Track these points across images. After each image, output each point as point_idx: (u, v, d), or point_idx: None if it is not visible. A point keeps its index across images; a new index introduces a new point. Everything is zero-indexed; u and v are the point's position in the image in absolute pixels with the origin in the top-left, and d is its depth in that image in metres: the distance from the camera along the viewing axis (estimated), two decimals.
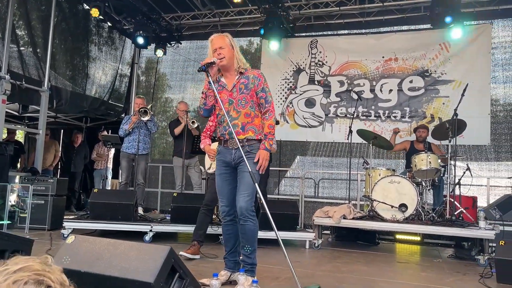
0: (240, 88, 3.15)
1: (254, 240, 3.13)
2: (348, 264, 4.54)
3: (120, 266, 2.40)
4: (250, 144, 3.13)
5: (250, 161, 2.98)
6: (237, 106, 3.14)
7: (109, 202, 5.31)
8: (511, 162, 7.19)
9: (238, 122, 3.11)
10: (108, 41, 9.01)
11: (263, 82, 3.17)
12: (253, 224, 3.09)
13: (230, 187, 3.21)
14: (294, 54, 8.55)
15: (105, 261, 2.45)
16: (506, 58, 7.35)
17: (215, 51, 3.14)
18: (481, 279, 3.94)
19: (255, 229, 3.11)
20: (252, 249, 3.12)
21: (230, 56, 3.13)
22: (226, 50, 3.13)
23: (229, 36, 3.22)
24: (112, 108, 9.03)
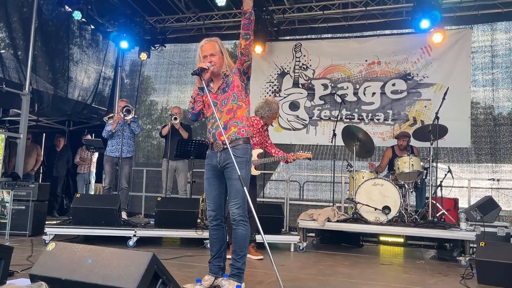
0: (224, 88, 3.17)
1: (245, 245, 3.13)
2: (332, 266, 4.57)
3: (102, 273, 2.38)
4: (235, 145, 3.08)
5: (236, 166, 2.90)
6: (220, 106, 3.15)
7: (92, 207, 5.24)
8: (491, 164, 7.33)
9: (221, 122, 3.11)
10: (91, 44, 8.91)
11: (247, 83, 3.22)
12: (244, 229, 3.10)
13: (217, 191, 3.20)
14: (278, 57, 8.59)
15: (87, 268, 2.42)
16: (486, 62, 7.51)
17: (205, 57, 3.14)
18: (462, 280, 4.01)
19: (246, 234, 3.11)
20: (242, 254, 3.11)
21: (220, 64, 3.16)
22: (217, 57, 3.15)
23: (218, 41, 3.22)
24: (95, 112, 8.93)
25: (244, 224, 3.09)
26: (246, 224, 3.11)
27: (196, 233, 5.22)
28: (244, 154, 3.11)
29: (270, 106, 4.78)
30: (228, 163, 3.05)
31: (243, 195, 3.00)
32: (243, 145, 3.12)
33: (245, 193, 2.94)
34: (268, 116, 4.78)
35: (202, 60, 3.15)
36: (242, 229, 3.09)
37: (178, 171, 6.63)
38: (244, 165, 3.09)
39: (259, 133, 4.72)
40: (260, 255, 4.70)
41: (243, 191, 2.95)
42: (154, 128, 9.99)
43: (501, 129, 7.37)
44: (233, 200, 3.07)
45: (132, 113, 6.25)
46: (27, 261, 3.88)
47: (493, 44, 7.50)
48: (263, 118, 4.77)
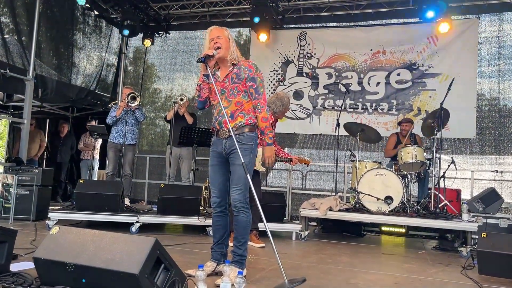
0: (232, 78, 3.16)
1: (246, 232, 3.15)
2: (333, 255, 4.59)
3: (104, 257, 2.40)
4: (240, 133, 3.10)
5: (240, 153, 2.95)
6: (228, 95, 3.15)
7: (95, 193, 5.27)
8: (495, 155, 7.30)
9: (228, 110, 3.12)
10: (95, 30, 8.88)
11: (254, 72, 3.16)
12: (245, 216, 3.11)
13: (221, 178, 3.22)
14: (283, 46, 8.54)
15: (90, 252, 2.44)
16: (492, 53, 7.44)
17: (212, 40, 3.15)
18: (463, 271, 4.02)
19: (247, 221, 3.13)
20: (244, 241, 3.14)
21: (226, 46, 3.14)
22: (223, 40, 3.15)
23: (227, 30, 3.24)
24: (99, 98, 8.93)
25: (245, 211, 3.11)
26: (247, 211, 3.12)
27: (198, 220, 5.25)
28: (249, 141, 3.12)
29: (282, 101, 4.72)
30: (233, 149, 3.06)
31: (245, 182, 3.01)
32: (249, 132, 3.13)
33: (247, 180, 2.95)
34: (280, 111, 4.73)
35: (209, 44, 3.16)
36: (243, 216, 3.11)
37: (182, 158, 6.63)
38: (248, 152, 3.10)
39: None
40: (262, 243, 4.73)
41: (245, 177, 2.96)
42: (157, 116, 9.99)
43: (506, 121, 7.33)
44: (235, 186, 3.09)
45: (138, 100, 6.25)
46: (31, 245, 3.92)
47: (500, 34, 7.41)
48: (275, 113, 4.72)
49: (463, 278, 3.74)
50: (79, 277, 2.43)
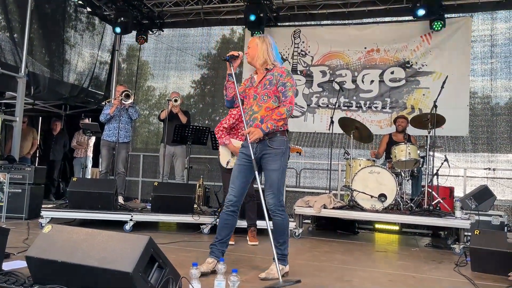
0: (265, 84, 3.26)
1: (283, 233, 3.24)
2: (327, 253, 4.60)
3: (98, 256, 2.39)
4: (271, 137, 3.19)
5: (271, 158, 3.15)
6: (259, 101, 3.25)
7: (89, 191, 5.24)
8: (487, 153, 7.37)
9: (258, 115, 3.22)
10: (88, 27, 8.82)
11: (285, 77, 3.21)
12: (281, 218, 3.20)
13: (243, 180, 3.28)
14: (277, 43, 8.42)
15: (83, 251, 2.42)
16: (485, 51, 7.49)
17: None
18: (456, 268, 4.05)
19: (283, 222, 3.22)
20: (282, 241, 3.23)
21: (253, 55, 3.30)
22: (251, 49, 3.32)
23: (260, 38, 3.34)
24: (92, 96, 8.88)
25: (280, 214, 3.19)
26: (283, 213, 3.21)
27: (192, 218, 5.24)
28: (279, 146, 3.19)
29: None
30: (264, 154, 3.20)
31: (278, 186, 3.15)
32: (279, 136, 3.21)
33: (280, 184, 3.13)
34: None
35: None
36: (279, 218, 3.20)
37: (176, 157, 6.61)
38: (279, 156, 3.18)
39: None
40: (256, 241, 4.73)
41: (277, 182, 3.13)
42: (151, 114, 9.96)
43: (498, 119, 7.39)
44: (268, 190, 3.18)
45: (131, 98, 6.22)
46: (23, 244, 3.89)
47: (492, 33, 7.47)
48: None
49: (456, 275, 3.76)
50: (72, 276, 2.41)
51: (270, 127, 3.13)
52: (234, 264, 3.59)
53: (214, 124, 9.22)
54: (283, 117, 3.16)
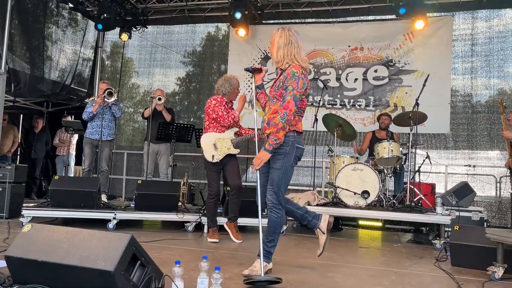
0: (276, 85, 3.23)
1: (274, 231, 3.26)
2: (311, 249, 4.63)
3: (79, 254, 2.37)
4: None
5: (275, 157, 3.16)
6: (271, 102, 3.25)
7: (71, 189, 5.18)
8: (468, 150, 7.50)
9: (266, 117, 3.23)
10: (70, 23, 8.68)
11: (289, 80, 3.13)
12: (275, 216, 3.21)
13: (263, 180, 3.30)
14: (262, 41, 8.54)
15: (64, 250, 2.40)
16: (466, 50, 7.62)
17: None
18: (436, 263, 4.13)
19: (277, 221, 3.22)
20: (271, 238, 3.25)
21: (271, 52, 3.32)
22: (270, 46, 3.33)
23: (278, 32, 3.28)
24: (74, 93, 8.75)
25: (275, 211, 3.19)
26: (279, 212, 3.21)
27: (177, 216, 5.23)
28: (283, 146, 3.18)
29: (230, 82, 4.80)
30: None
31: (278, 184, 3.17)
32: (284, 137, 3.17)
33: (280, 183, 3.16)
34: (229, 92, 4.79)
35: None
36: (274, 216, 3.21)
37: (160, 154, 6.58)
38: (282, 156, 3.18)
39: (226, 111, 4.74)
40: (240, 239, 4.73)
41: (277, 180, 3.16)
42: (136, 112, 9.88)
43: (479, 116, 7.53)
44: (269, 187, 3.21)
45: (114, 96, 6.15)
46: (3, 243, 3.83)
47: (473, 32, 7.60)
48: (225, 95, 4.78)
49: (436, 270, 3.84)
50: (52, 275, 2.39)
51: (272, 143, 3.10)
52: (218, 262, 3.60)
53: (199, 122, 9.19)
54: (279, 127, 3.08)
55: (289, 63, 3.20)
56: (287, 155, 3.19)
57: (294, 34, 3.26)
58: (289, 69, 3.17)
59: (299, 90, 3.11)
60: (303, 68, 3.20)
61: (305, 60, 3.26)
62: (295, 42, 3.22)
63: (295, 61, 3.20)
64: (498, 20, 7.54)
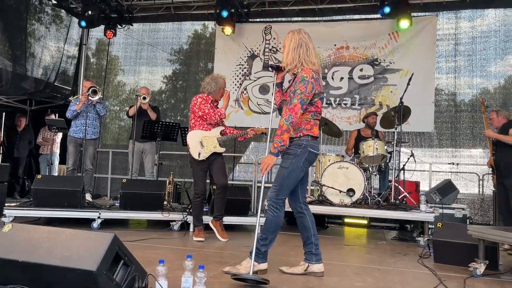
0: (291, 91, 3.20)
1: (268, 230, 3.22)
2: (296, 247, 4.64)
3: (60, 254, 2.34)
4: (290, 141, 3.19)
5: (285, 157, 3.20)
6: (286, 106, 3.22)
7: (54, 189, 5.11)
8: (452, 148, 7.62)
9: (279, 122, 3.20)
10: (54, 20, 8.56)
11: (298, 84, 3.14)
12: (271, 215, 3.19)
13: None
14: (248, 39, 8.53)
15: (45, 250, 2.37)
16: (449, 50, 7.73)
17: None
18: (420, 260, 4.18)
19: (272, 220, 3.20)
20: (264, 237, 3.22)
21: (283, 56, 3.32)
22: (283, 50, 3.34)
23: (289, 35, 3.28)
24: (58, 91, 8.63)
25: (272, 210, 3.18)
26: (275, 211, 3.19)
27: (162, 215, 5.20)
28: (294, 148, 3.18)
29: (216, 81, 4.81)
30: (283, 154, 3.25)
31: (281, 182, 3.16)
32: (296, 140, 3.19)
33: (283, 182, 3.15)
34: (215, 91, 4.80)
35: None
36: (270, 213, 3.20)
37: (145, 153, 6.53)
38: (292, 157, 3.18)
39: (211, 109, 4.73)
40: (226, 237, 4.72)
41: (281, 178, 3.16)
42: (122, 110, 9.79)
43: (462, 115, 7.65)
44: (273, 184, 3.24)
45: (99, 94, 6.07)
46: None
47: (456, 32, 7.71)
48: (211, 94, 4.79)
49: (419, 267, 3.89)
50: (33, 275, 2.35)
51: (277, 145, 3.08)
52: (203, 260, 3.59)
53: (186, 120, 9.14)
54: (283, 129, 3.07)
55: (300, 68, 3.20)
56: (297, 156, 3.17)
57: (305, 36, 3.26)
58: (299, 74, 3.18)
59: (306, 94, 3.11)
60: (314, 71, 3.19)
61: (315, 63, 3.24)
62: (305, 45, 3.22)
63: (304, 64, 3.20)
64: (481, 20, 7.67)
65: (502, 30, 7.53)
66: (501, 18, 7.55)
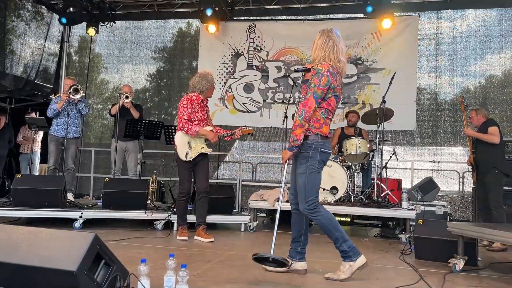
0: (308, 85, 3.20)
1: (330, 231, 3.20)
2: (280, 245, 4.63)
3: (40, 255, 2.31)
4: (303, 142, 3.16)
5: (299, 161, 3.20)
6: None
7: (35, 188, 5.02)
8: (433, 146, 7.74)
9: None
10: (36, 16, 8.40)
11: (313, 77, 3.13)
12: (316, 220, 3.19)
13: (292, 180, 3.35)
14: (232, 37, 8.51)
15: (24, 250, 2.33)
16: (431, 49, 7.84)
17: None
18: (401, 256, 4.24)
19: (323, 222, 3.19)
20: (334, 238, 3.21)
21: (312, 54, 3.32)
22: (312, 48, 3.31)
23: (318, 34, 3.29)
24: (39, 89, 8.49)
25: (313, 217, 3.19)
26: (315, 215, 3.18)
27: (145, 214, 5.16)
28: (305, 150, 3.17)
29: (206, 79, 4.75)
30: (295, 158, 3.25)
31: (304, 191, 3.17)
32: (306, 141, 3.16)
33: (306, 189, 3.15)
34: (207, 89, 4.75)
35: None
36: (315, 220, 3.21)
37: (128, 152, 6.47)
38: (305, 160, 3.17)
39: (201, 108, 4.70)
40: (210, 237, 4.67)
41: (303, 187, 3.16)
42: (105, 108, 9.68)
43: (443, 114, 7.78)
44: (298, 197, 3.22)
45: (80, 93, 5.99)
46: None
47: (438, 32, 7.83)
48: (203, 93, 4.73)
49: (401, 263, 3.94)
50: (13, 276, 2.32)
51: (291, 141, 3.12)
52: (187, 259, 3.58)
53: (171, 118, 9.09)
54: (296, 124, 3.09)
55: (320, 62, 3.19)
56: (310, 159, 3.16)
57: (334, 35, 3.25)
58: (316, 68, 3.17)
59: (320, 87, 3.08)
60: (333, 66, 3.16)
61: (340, 60, 3.21)
62: (332, 43, 3.21)
63: (327, 59, 3.18)
64: (462, 20, 7.80)
65: (482, 30, 7.68)
66: (481, 19, 7.70)
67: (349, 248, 3.19)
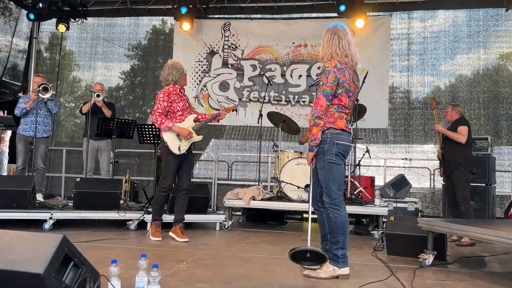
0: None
1: (336, 231, 3.15)
2: (255, 244, 4.68)
3: (6, 257, 2.23)
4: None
5: (318, 157, 3.17)
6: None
7: (2, 189, 4.87)
8: (405, 144, 7.91)
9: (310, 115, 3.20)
10: (3, 12, 8.14)
11: (321, 75, 3.13)
12: (333, 215, 3.14)
13: (314, 178, 3.31)
14: (207, 35, 8.46)
15: None
16: (403, 49, 8.00)
17: None
18: (374, 252, 4.31)
19: (335, 220, 3.15)
20: (334, 240, 3.15)
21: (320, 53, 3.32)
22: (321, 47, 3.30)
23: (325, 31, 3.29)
24: (7, 87, 8.23)
25: (332, 211, 3.14)
26: (335, 211, 3.13)
27: (118, 215, 5.08)
28: (321, 144, 3.14)
29: (176, 68, 4.66)
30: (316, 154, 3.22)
31: (326, 184, 3.14)
32: (322, 136, 3.14)
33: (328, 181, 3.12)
34: (180, 78, 4.66)
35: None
36: (330, 215, 3.16)
37: (101, 151, 6.35)
38: (322, 155, 3.16)
39: (180, 98, 4.64)
40: (185, 238, 4.59)
41: (325, 180, 3.14)
42: (77, 106, 9.47)
43: (415, 112, 7.95)
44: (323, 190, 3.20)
45: (50, 91, 5.81)
46: None
47: (409, 32, 7.99)
48: (177, 83, 4.64)
49: (373, 259, 4.00)
50: None
51: (309, 141, 3.15)
52: (159, 259, 3.54)
53: (145, 117, 8.97)
54: (311, 124, 3.12)
55: (328, 59, 3.19)
56: (326, 152, 3.14)
57: (339, 30, 3.23)
58: (323, 65, 3.18)
59: (328, 85, 3.09)
60: (341, 62, 3.14)
61: (348, 55, 3.18)
62: (337, 38, 3.19)
63: (334, 55, 3.17)
64: (432, 20, 7.99)
65: (451, 31, 7.88)
66: (450, 19, 7.90)
67: (341, 256, 3.18)
